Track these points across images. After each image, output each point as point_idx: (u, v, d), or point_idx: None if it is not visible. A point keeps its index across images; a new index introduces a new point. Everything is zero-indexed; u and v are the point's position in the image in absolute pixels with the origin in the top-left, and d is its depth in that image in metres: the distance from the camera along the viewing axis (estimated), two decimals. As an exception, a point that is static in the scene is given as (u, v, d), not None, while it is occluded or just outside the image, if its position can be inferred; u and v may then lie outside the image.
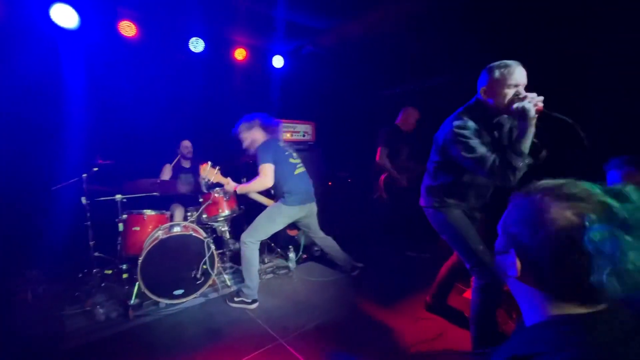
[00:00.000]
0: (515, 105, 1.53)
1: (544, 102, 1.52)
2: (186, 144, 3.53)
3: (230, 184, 2.59)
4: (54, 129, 3.15)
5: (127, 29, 3.31)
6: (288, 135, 3.61)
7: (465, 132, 1.61)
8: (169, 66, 3.78)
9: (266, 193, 2.85)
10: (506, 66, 1.59)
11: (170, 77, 3.78)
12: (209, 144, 3.95)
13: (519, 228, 0.63)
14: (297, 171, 2.66)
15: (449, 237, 1.88)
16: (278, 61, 4.45)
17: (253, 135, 2.65)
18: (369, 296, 2.67)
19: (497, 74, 1.60)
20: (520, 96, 1.55)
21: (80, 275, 2.87)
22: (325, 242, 3.01)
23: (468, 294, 2.57)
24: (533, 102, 1.49)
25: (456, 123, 1.66)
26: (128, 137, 3.41)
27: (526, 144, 1.51)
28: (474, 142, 1.59)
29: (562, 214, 0.56)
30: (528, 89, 1.62)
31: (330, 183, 4.18)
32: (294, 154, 2.74)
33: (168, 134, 3.64)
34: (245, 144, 2.69)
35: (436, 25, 3.41)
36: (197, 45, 3.82)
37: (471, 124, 1.65)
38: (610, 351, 0.52)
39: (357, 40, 4.04)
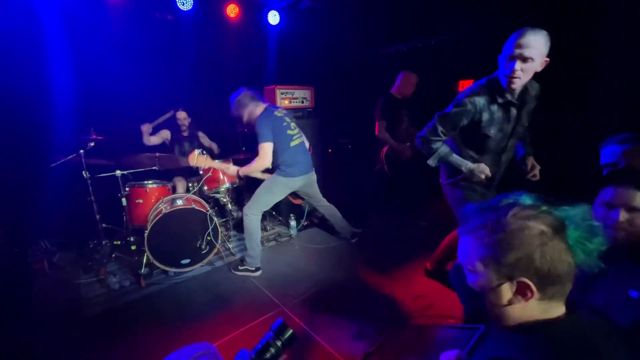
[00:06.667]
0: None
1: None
2: (180, 115, 3.42)
3: (231, 168, 2.58)
4: (43, 106, 3.05)
5: (108, -14, 3.05)
6: (286, 102, 3.48)
7: (464, 100, 1.64)
8: (157, 28, 3.54)
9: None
10: (514, 34, 1.49)
11: (158, 40, 3.56)
12: (203, 110, 3.85)
13: (515, 255, 0.66)
14: (293, 142, 2.63)
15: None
16: (274, 17, 4.15)
17: (248, 109, 2.58)
18: (368, 263, 2.80)
19: (505, 45, 1.51)
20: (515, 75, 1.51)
21: (90, 245, 3.01)
22: (328, 210, 3.08)
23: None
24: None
25: (469, 89, 1.66)
26: (120, 108, 3.30)
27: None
28: (454, 118, 1.68)
29: (539, 228, 0.65)
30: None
31: (330, 150, 4.14)
32: (292, 124, 2.68)
33: (161, 101, 3.53)
34: (245, 119, 2.63)
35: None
36: (185, 2, 3.55)
37: (480, 99, 1.64)
38: (568, 356, 0.61)
39: (359, -8, 3.71)
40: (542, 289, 0.65)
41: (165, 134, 3.46)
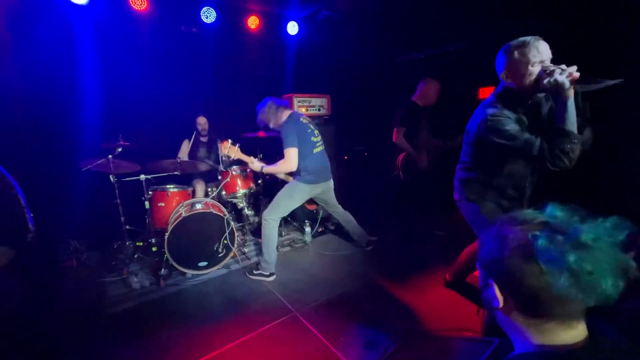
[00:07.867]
0: (545, 81, 1.40)
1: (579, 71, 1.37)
2: (201, 121, 3.57)
3: (255, 164, 2.65)
4: (75, 113, 3.27)
5: (138, 2, 3.25)
6: (303, 110, 3.56)
7: (502, 119, 1.54)
8: (182, 40, 3.73)
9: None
10: (524, 44, 1.47)
11: (182, 51, 3.75)
12: (224, 117, 3.98)
13: (490, 258, 0.69)
14: (316, 149, 2.68)
15: (478, 229, 1.87)
16: (292, 28, 4.26)
17: (275, 117, 2.65)
18: (382, 271, 2.77)
19: (515, 54, 1.49)
20: (548, 71, 1.41)
21: (115, 246, 3.15)
22: (344, 217, 3.08)
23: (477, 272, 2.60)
24: (566, 74, 1.36)
25: (490, 111, 1.58)
26: (146, 116, 3.49)
27: (570, 121, 1.39)
28: (513, 128, 1.51)
29: (516, 235, 0.64)
30: (556, 59, 1.49)
31: (346, 157, 4.16)
32: (316, 132, 2.74)
33: (184, 109, 3.69)
34: (272, 125, 2.70)
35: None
36: (209, 15, 3.71)
37: (506, 111, 1.57)
38: None
39: (376, 1, 3.74)
40: (523, 307, 0.65)
41: (187, 145, 3.63)
